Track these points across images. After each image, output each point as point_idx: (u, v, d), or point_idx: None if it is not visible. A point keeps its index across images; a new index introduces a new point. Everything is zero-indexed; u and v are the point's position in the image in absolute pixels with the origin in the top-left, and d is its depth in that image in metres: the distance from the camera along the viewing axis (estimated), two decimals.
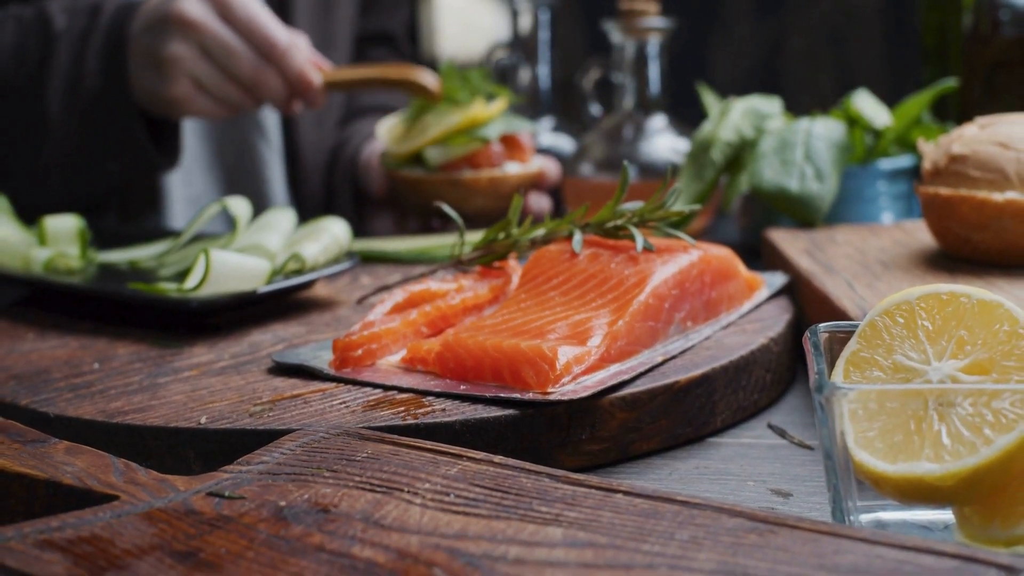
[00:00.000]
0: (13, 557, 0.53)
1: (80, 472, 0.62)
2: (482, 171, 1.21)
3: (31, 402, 0.76)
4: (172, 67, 1.13)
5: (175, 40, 1.13)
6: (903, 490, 0.58)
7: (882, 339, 0.62)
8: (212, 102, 1.16)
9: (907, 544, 0.52)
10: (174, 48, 1.13)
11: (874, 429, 0.58)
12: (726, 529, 0.54)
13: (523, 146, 1.24)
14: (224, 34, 1.13)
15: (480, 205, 1.21)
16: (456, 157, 1.20)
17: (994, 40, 1.21)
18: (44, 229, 1.00)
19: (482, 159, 1.21)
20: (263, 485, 0.60)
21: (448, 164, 1.21)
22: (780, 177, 1.07)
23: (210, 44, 1.13)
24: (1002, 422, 0.57)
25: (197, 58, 1.13)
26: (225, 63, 1.14)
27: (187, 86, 1.14)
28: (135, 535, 0.55)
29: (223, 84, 1.14)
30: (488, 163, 1.21)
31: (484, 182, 1.20)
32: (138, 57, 1.15)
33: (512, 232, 0.89)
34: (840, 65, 2.24)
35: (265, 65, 1.15)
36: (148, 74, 1.15)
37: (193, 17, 1.12)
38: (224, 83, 1.15)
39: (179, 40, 1.13)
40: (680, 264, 0.82)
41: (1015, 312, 0.60)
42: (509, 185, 1.21)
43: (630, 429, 0.73)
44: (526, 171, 1.23)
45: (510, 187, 1.21)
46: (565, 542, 0.53)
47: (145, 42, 1.14)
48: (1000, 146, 0.90)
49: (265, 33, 1.14)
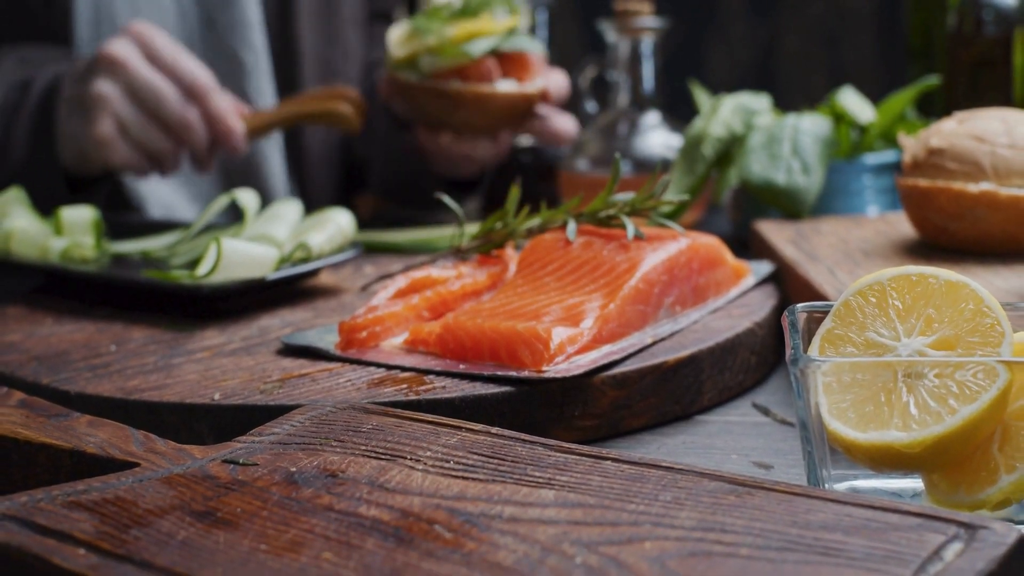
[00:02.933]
0: (44, 516, 0.57)
1: (102, 442, 0.66)
2: (469, 84, 1.19)
3: (52, 381, 0.80)
4: (97, 106, 1.15)
5: (102, 79, 1.15)
6: (873, 457, 0.62)
7: (855, 317, 0.65)
8: (134, 149, 1.17)
9: (874, 504, 0.56)
10: (100, 87, 1.15)
11: (847, 400, 0.62)
12: (706, 491, 0.58)
13: (528, 65, 1.21)
14: (149, 74, 1.15)
15: (464, 119, 1.21)
16: (444, 67, 1.19)
17: (977, 39, 1.25)
18: (60, 220, 1.04)
19: (472, 72, 1.19)
20: (275, 454, 0.64)
21: (438, 73, 1.20)
22: (768, 171, 1.11)
23: (136, 83, 1.15)
24: (966, 393, 0.61)
25: (122, 98, 1.15)
26: (150, 103, 1.15)
27: (111, 127, 1.15)
28: (156, 497, 0.59)
29: (146, 126, 1.16)
30: (479, 77, 1.19)
31: (469, 96, 1.19)
32: (67, 106, 1.17)
33: (509, 221, 0.93)
34: (833, 65, 2.27)
35: (189, 106, 1.16)
36: (75, 120, 1.17)
37: (119, 56, 1.15)
38: (147, 125, 1.16)
39: (105, 79, 1.15)
40: (669, 251, 0.86)
41: (979, 292, 0.64)
42: (497, 103, 1.20)
43: (620, 406, 0.77)
44: (521, 91, 1.21)
45: (499, 105, 1.20)
46: (556, 503, 0.57)
47: (74, 89, 1.17)
48: (976, 140, 0.94)
49: (190, 73, 1.16)
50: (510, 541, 0.53)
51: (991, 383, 0.60)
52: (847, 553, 0.52)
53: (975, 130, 0.95)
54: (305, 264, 0.98)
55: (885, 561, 0.51)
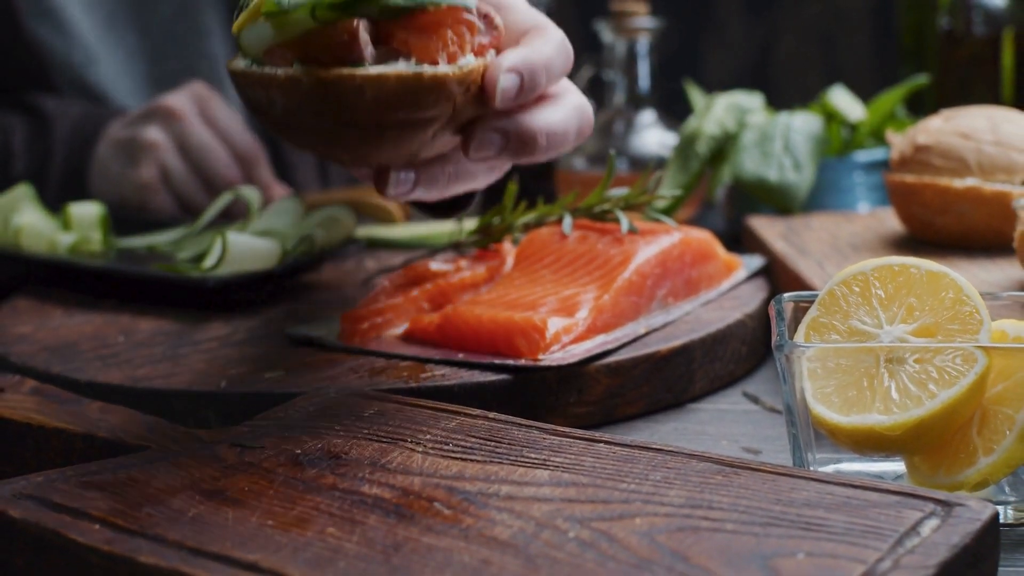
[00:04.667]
0: (59, 495, 0.59)
1: (113, 427, 0.69)
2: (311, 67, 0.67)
3: (63, 370, 0.82)
4: (146, 152, 1.17)
5: (155, 127, 1.17)
6: (856, 440, 0.64)
7: (839, 306, 0.68)
8: (172, 198, 1.18)
9: (855, 483, 0.58)
10: (152, 134, 1.17)
11: (830, 386, 0.65)
12: (695, 471, 0.60)
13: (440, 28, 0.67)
14: (202, 130, 1.17)
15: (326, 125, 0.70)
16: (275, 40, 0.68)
17: (967, 39, 1.28)
18: (69, 215, 1.07)
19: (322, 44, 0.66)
20: (280, 437, 0.66)
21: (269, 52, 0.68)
22: (760, 168, 1.14)
23: (187, 136, 1.17)
24: (945, 378, 0.63)
25: (171, 148, 1.17)
26: (198, 157, 1.17)
27: (155, 174, 1.17)
28: (167, 477, 0.61)
29: (189, 179, 1.18)
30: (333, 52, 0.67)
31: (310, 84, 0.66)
32: (114, 148, 1.19)
33: (507, 217, 0.96)
34: (829, 64, 2.30)
35: (237, 169, 1.18)
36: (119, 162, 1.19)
37: (177, 108, 1.17)
38: (190, 179, 1.18)
39: (159, 128, 1.17)
40: (662, 245, 0.89)
41: (959, 281, 0.67)
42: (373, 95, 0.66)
43: (614, 394, 0.80)
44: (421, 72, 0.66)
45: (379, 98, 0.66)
46: (551, 482, 0.60)
47: (125, 132, 1.19)
48: (962, 137, 0.97)
49: (242, 139, 1.18)
50: (506, 517, 0.56)
51: (969, 368, 0.63)
52: (828, 528, 0.54)
53: (961, 127, 0.97)
54: (308, 258, 1.01)
55: (864, 535, 0.53)
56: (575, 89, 0.75)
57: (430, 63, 0.65)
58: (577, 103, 0.73)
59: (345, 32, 0.65)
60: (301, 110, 0.66)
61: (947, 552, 0.52)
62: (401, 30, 0.66)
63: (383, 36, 0.66)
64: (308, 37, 0.65)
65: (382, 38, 0.66)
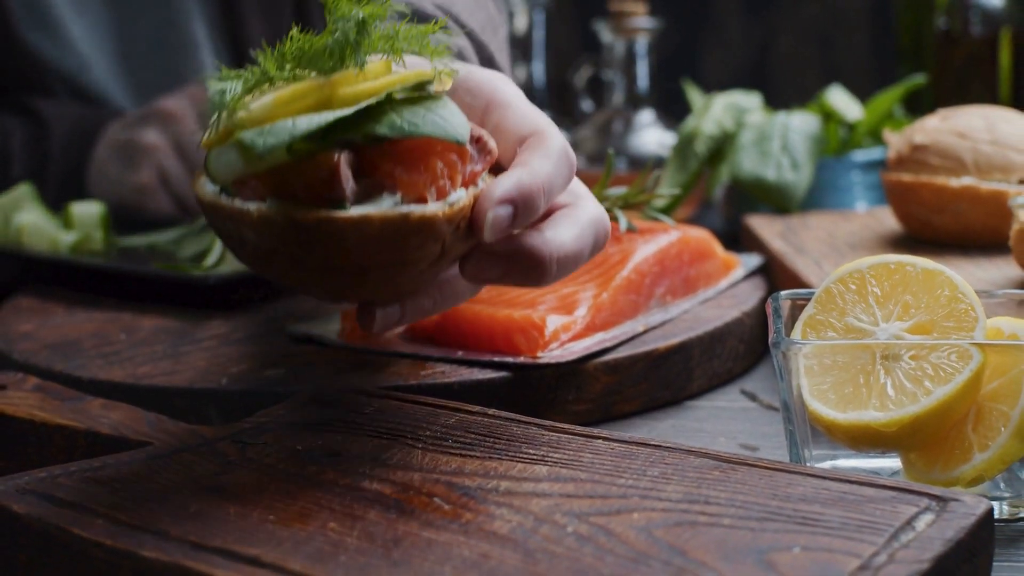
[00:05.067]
0: (62, 490, 0.60)
1: (116, 423, 0.69)
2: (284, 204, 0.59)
3: (65, 368, 0.83)
4: (144, 154, 1.17)
5: (153, 130, 1.18)
6: (852, 436, 0.65)
7: (836, 304, 0.68)
8: (171, 199, 1.19)
9: (851, 478, 0.59)
10: (151, 137, 1.17)
11: (827, 383, 0.66)
12: (692, 467, 0.61)
13: (429, 159, 0.61)
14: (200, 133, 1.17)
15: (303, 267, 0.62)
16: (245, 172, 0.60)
17: (965, 39, 1.29)
18: (70, 215, 1.07)
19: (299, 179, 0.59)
20: (281, 433, 0.67)
21: (240, 182, 0.61)
22: (758, 167, 1.15)
23: (185, 138, 1.17)
24: (941, 375, 0.64)
25: (170, 151, 1.18)
26: (197, 162, 1.17)
27: (154, 176, 1.18)
28: (169, 473, 0.62)
29: (188, 181, 1.18)
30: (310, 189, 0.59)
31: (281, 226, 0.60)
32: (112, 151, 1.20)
33: None
34: (827, 64, 2.30)
35: None
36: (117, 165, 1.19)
37: (175, 111, 1.17)
38: (189, 182, 1.18)
39: (157, 130, 1.18)
40: (660, 243, 0.89)
41: (955, 279, 0.67)
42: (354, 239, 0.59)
43: (612, 392, 0.80)
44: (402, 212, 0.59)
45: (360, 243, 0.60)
46: (549, 477, 0.60)
47: (122, 135, 1.20)
48: (958, 136, 0.97)
49: None
50: (505, 512, 0.56)
51: (965, 365, 0.63)
52: (824, 523, 0.55)
53: (957, 127, 0.98)
54: None
55: (860, 530, 0.54)
56: (588, 195, 0.68)
57: (417, 199, 0.59)
58: (592, 215, 0.66)
59: (324, 167, 0.58)
60: (275, 251, 0.60)
61: (942, 546, 0.53)
62: (386, 161, 0.60)
63: (366, 166, 0.60)
64: (284, 170, 0.59)
65: (365, 168, 0.60)
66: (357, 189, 0.59)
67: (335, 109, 0.59)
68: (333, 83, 0.59)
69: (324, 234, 0.58)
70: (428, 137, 0.60)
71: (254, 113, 0.59)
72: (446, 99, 0.62)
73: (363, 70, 0.60)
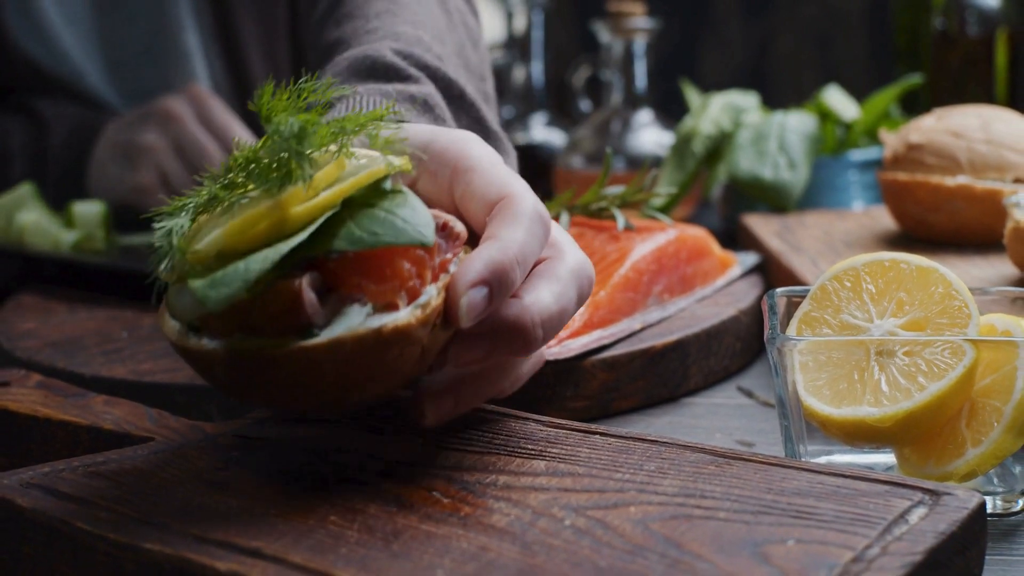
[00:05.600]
0: (66, 484, 0.60)
1: (118, 419, 0.70)
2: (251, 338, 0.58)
3: (68, 365, 0.84)
4: (143, 155, 1.18)
5: (153, 130, 1.18)
6: (847, 431, 0.65)
7: (831, 301, 0.69)
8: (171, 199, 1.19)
9: (845, 473, 0.60)
10: (150, 138, 1.18)
11: (822, 379, 0.66)
12: (688, 461, 0.62)
13: (397, 265, 0.58)
14: (199, 132, 1.18)
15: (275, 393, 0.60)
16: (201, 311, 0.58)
17: (961, 39, 1.29)
18: (72, 214, 1.08)
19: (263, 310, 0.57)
20: (281, 429, 0.68)
21: (206, 322, 0.59)
22: (755, 166, 1.15)
23: (184, 139, 1.18)
24: (934, 371, 0.64)
25: (169, 151, 1.18)
26: (195, 160, 1.18)
27: (153, 177, 1.18)
28: (171, 468, 0.63)
29: (188, 182, 1.17)
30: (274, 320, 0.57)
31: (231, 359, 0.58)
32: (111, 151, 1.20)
33: None
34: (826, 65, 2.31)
35: None
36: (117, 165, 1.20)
37: (174, 111, 1.18)
38: (189, 182, 1.17)
39: (156, 131, 1.18)
40: (658, 242, 0.90)
41: (948, 276, 0.68)
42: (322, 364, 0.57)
43: (610, 388, 0.81)
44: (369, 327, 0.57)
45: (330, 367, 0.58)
46: (547, 472, 0.61)
47: (122, 135, 1.20)
48: (953, 135, 0.98)
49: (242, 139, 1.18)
50: (503, 506, 0.57)
51: (958, 361, 0.64)
52: (818, 516, 0.55)
53: (952, 126, 0.99)
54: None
55: (853, 523, 0.55)
56: (567, 243, 0.65)
57: (388, 306, 0.57)
58: (572, 267, 0.63)
59: (287, 296, 0.56)
60: (249, 383, 0.58)
61: (934, 539, 0.53)
62: (351, 273, 0.57)
63: (329, 278, 0.57)
64: (245, 305, 0.56)
65: (329, 280, 0.57)
66: (325, 307, 0.57)
67: (288, 231, 0.56)
68: (283, 204, 0.57)
69: (297, 363, 0.56)
70: (390, 245, 0.57)
71: (204, 251, 0.57)
72: (406, 194, 0.59)
73: (312, 182, 0.57)
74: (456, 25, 0.90)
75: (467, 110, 0.79)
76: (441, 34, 0.85)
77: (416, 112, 0.74)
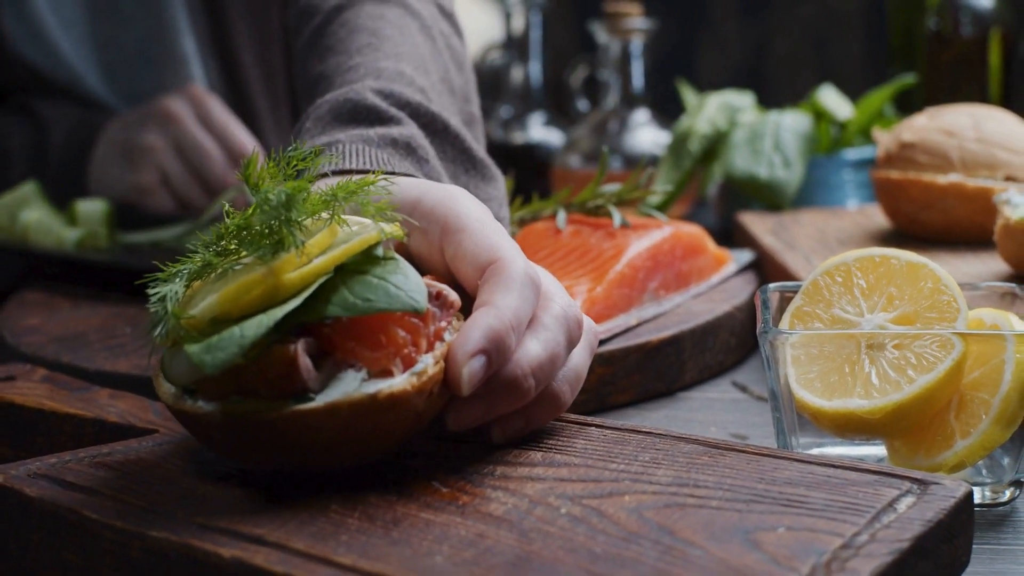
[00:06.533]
0: (72, 474, 0.62)
1: (123, 412, 0.71)
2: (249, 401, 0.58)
3: (72, 360, 0.85)
4: (144, 155, 1.19)
5: (152, 131, 1.20)
6: (838, 423, 0.67)
7: (823, 296, 0.70)
8: (171, 199, 1.21)
9: (835, 463, 0.61)
10: (150, 138, 1.19)
11: (813, 372, 0.68)
12: (682, 452, 0.63)
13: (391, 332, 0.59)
14: (199, 133, 1.19)
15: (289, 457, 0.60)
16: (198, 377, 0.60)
17: (955, 40, 1.31)
18: (75, 212, 1.09)
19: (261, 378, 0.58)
20: None
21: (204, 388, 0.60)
22: (751, 165, 1.17)
23: (184, 139, 1.19)
24: (923, 364, 0.66)
25: (169, 151, 1.19)
26: (195, 160, 1.19)
27: (154, 177, 1.20)
28: (176, 459, 0.64)
29: (187, 181, 1.20)
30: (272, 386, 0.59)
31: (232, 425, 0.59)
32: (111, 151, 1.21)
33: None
34: (822, 65, 2.32)
35: (231, 169, 1.20)
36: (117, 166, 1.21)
37: (174, 112, 1.19)
38: (188, 180, 1.20)
39: (156, 131, 1.20)
40: (653, 239, 0.91)
41: (937, 271, 0.69)
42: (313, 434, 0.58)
43: (607, 383, 0.82)
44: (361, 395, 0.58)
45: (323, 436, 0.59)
46: (544, 462, 0.62)
47: (122, 135, 1.21)
48: (945, 134, 1.00)
49: (238, 140, 1.20)
50: (501, 495, 0.58)
51: (947, 354, 0.65)
52: (808, 505, 0.57)
53: (944, 125, 1.00)
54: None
55: (843, 511, 0.56)
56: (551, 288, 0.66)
57: (383, 372, 0.58)
58: (556, 313, 0.64)
59: (282, 361, 0.57)
60: (245, 445, 0.59)
61: (921, 527, 0.55)
62: (346, 338, 0.58)
63: (325, 343, 0.58)
64: (241, 370, 0.57)
65: (324, 345, 0.58)
66: (320, 372, 0.58)
67: (282, 297, 0.57)
68: (276, 270, 0.58)
69: (293, 427, 0.57)
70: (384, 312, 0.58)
71: (199, 317, 0.57)
72: (398, 261, 0.60)
73: (305, 249, 0.58)
74: (440, 50, 0.90)
75: (452, 142, 0.80)
76: (424, 63, 0.86)
77: (399, 156, 0.75)
